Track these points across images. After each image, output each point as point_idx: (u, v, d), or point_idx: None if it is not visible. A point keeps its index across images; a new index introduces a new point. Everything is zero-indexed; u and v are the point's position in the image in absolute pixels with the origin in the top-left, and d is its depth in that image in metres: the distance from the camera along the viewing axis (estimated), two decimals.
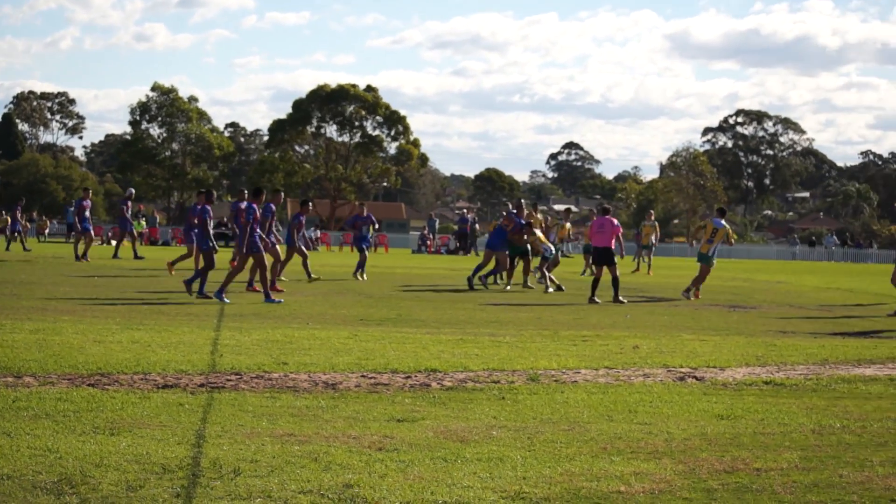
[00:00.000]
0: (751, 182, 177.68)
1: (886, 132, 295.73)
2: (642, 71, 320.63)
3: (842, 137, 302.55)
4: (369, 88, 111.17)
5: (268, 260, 25.48)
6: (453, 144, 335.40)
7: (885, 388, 13.69)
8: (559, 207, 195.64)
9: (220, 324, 19.09)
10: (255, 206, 24.58)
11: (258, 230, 24.64)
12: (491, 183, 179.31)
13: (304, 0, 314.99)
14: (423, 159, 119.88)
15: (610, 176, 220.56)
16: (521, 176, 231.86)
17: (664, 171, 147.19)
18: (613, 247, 28.61)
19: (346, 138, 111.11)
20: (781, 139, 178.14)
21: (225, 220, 61.89)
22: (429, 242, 70.46)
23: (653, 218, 47.44)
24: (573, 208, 33.27)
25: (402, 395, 12.07)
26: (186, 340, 16.17)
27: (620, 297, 27.39)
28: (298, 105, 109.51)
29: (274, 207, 26.96)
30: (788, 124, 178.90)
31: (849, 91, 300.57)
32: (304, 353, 15.19)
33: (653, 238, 45.23)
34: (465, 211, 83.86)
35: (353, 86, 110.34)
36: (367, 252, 34.03)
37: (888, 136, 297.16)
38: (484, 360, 14.87)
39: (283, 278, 29.65)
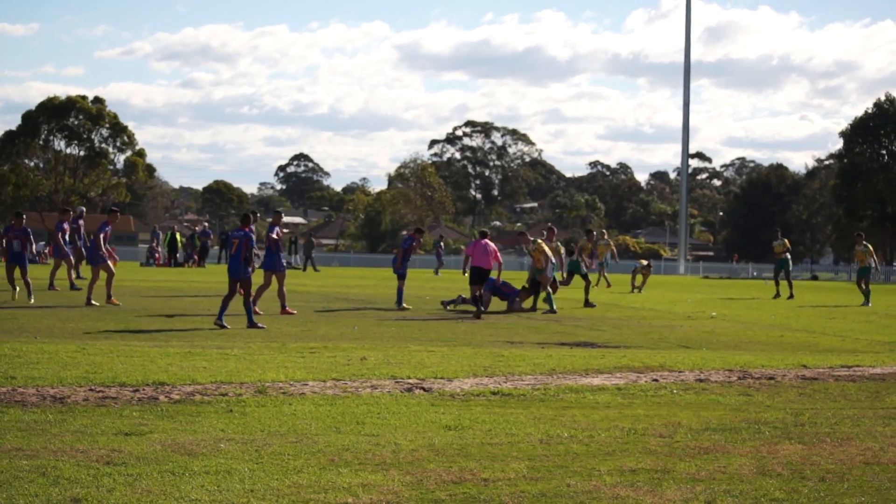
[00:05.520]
0: (479, 193, 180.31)
1: (616, 142, 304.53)
2: (372, 82, 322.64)
3: (571, 148, 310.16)
4: (97, 100, 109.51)
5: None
6: (182, 157, 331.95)
7: (613, 398, 13.99)
8: (289, 220, 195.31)
9: None
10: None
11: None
12: (220, 195, 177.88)
13: (34, 11, 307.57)
14: (150, 170, 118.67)
15: (338, 187, 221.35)
16: (250, 188, 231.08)
17: (392, 182, 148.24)
18: (493, 267, 29.94)
19: (73, 151, 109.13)
20: (510, 150, 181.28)
21: None
22: (157, 255, 69.48)
23: (606, 237, 51.26)
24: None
25: (130, 409, 12.03)
26: None
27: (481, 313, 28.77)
28: (28, 117, 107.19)
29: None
30: (517, 135, 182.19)
31: (579, 101, 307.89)
32: (32, 367, 14.98)
33: (607, 255, 48.61)
34: (205, 225, 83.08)
35: (83, 97, 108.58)
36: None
37: (617, 147, 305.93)
38: (212, 373, 14.86)
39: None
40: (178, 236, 68.46)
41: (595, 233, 42.22)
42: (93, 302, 28.00)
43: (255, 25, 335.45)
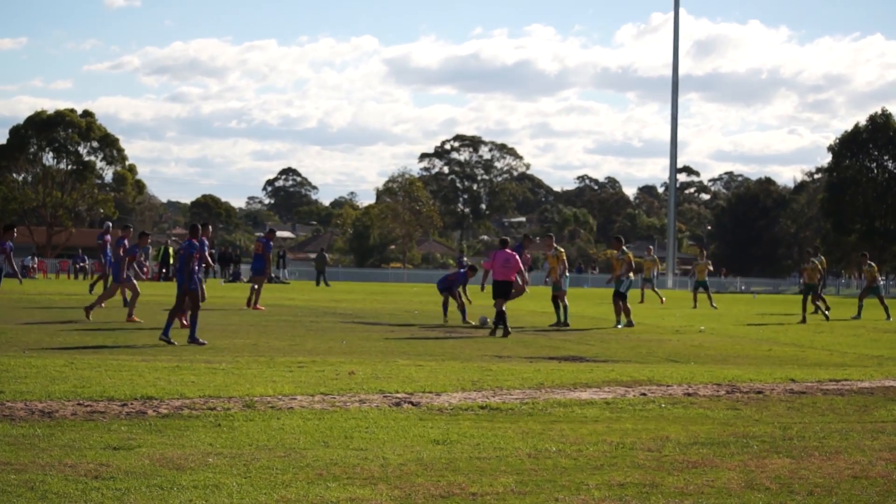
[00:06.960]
0: (467, 207, 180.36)
1: (604, 156, 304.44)
2: (360, 96, 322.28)
3: (560, 162, 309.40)
4: (86, 114, 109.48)
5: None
6: (170, 171, 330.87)
7: (601, 412, 13.99)
8: (277, 234, 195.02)
9: None
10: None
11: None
12: (208, 209, 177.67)
13: (22, 25, 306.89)
14: (140, 186, 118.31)
15: (327, 202, 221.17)
16: (239, 202, 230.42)
17: (380, 196, 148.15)
18: (515, 279, 28.84)
19: (62, 165, 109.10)
20: (497, 164, 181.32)
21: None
22: (145, 269, 69.43)
23: (652, 253, 52.19)
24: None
25: (119, 423, 12.01)
26: None
27: (508, 329, 27.49)
28: (16, 131, 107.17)
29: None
30: (505, 149, 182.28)
31: (568, 116, 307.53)
32: (20, 381, 14.95)
33: (654, 272, 50.36)
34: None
35: (72, 111, 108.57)
36: None
37: (606, 161, 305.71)
38: (200, 387, 14.83)
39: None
40: (171, 251, 68.62)
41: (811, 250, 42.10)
42: (91, 317, 28.04)
43: (243, 40, 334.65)
